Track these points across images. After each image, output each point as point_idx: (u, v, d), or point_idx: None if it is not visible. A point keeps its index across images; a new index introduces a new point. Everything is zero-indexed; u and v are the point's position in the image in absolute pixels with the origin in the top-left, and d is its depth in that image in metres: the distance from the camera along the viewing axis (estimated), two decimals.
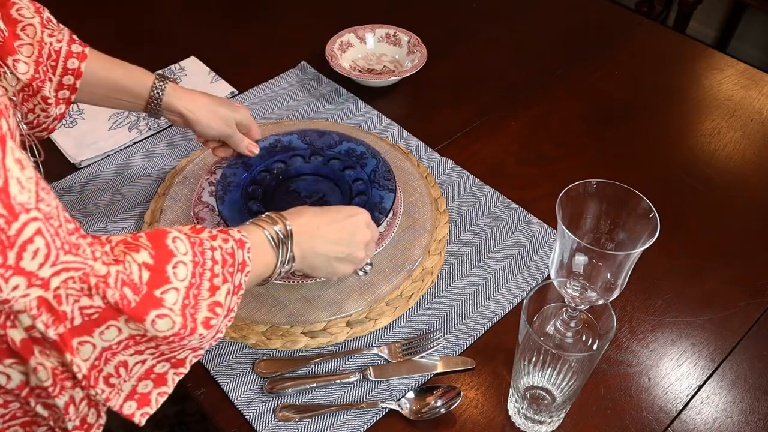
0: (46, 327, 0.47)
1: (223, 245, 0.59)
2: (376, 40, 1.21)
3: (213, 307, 0.56)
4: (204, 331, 0.55)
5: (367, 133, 1.06)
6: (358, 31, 1.21)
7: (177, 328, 0.52)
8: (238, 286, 0.60)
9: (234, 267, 0.59)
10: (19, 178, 0.44)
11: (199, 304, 0.55)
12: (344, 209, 0.75)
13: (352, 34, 1.21)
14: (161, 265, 0.53)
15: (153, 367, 0.55)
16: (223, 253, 0.59)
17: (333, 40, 1.19)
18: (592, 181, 0.74)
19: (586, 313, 0.75)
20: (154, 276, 0.52)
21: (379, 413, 0.74)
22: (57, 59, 0.76)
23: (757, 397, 0.78)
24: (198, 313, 0.55)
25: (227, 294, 0.58)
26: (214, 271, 0.57)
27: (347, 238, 0.72)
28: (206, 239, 0.58)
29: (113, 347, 0.51)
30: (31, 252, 0.45)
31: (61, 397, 0.50)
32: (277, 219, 0.68)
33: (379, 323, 0.81)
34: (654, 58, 1.27)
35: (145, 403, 0.55)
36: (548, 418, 0.72)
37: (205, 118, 0.85)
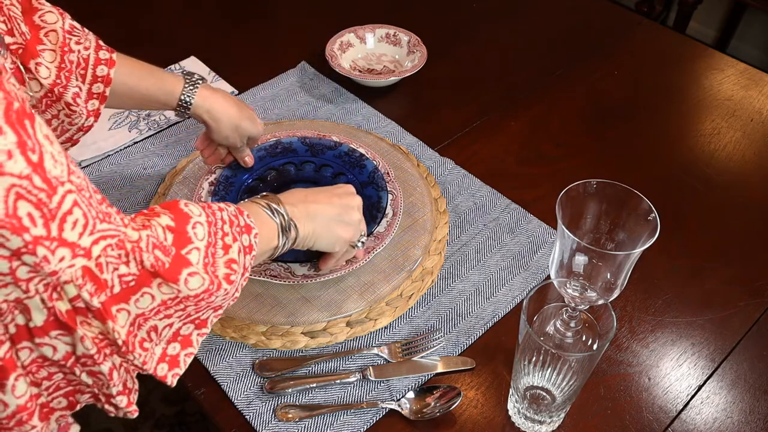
0: (90, 296, 0.49)
1: (226, 208, 0.62)
2: (376, 40, 1.21)
3: (230, 264, 0.58)
4: (227, 286, 0.57)
5: (367, 133, 1.06)
6: (358, 31, 1.21)
7: (206, 284, 0.54)
8: (249, 246, 0.62)
9: (240, 227, 0.61)
10: (52, 153, 0.45)
11: (216, 262, 0.57)
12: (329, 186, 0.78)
13: (352, 34, 1.21)
14: (182, 227, 0.55)
15: (179, 330, 0.57)
16: (228, 214, 0.61)
17: (333, 40, 1.19)
18: (592, 181, 0.74)
19: (586, 313, 0.75)
20: (178, 237, 0.54)
21: (379, 413, 0.74)
22: (86, 67, 0.76)
23: (757, 397, 0.78)
24: (218, 270, 0.57)
25: (239, 252, 0.60)
26: (224, 230, 0.59)
27: (338, 199, 0.75)
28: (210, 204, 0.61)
29: (145, 314, 0.52)
30: (71, 223, 0.46)
31: (105, 363, 0.52)
32: (266, 197, 0.70)
33: (379, 323, 0.81)
34: (654, 58, 1.27)
35: (175, 365, 0.57)
36: (548, 418, 0.72)
37: (225, 129, 0.87)
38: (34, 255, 0.44)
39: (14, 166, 0.41)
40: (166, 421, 1.51)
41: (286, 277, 0.82)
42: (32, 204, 0.43)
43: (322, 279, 0.82)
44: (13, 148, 0.41)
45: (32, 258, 0.44)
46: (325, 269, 0.81)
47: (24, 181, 0.42)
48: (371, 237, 0.86)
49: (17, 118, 0.42)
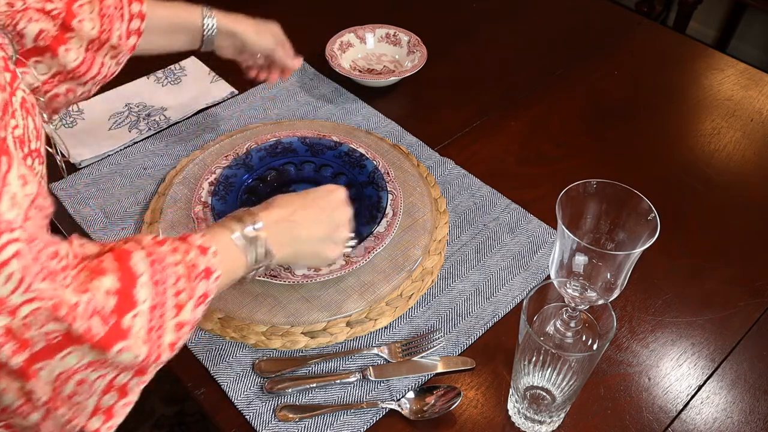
0: (10, 355, 0.45)
1: (185, 257, 0.57)
2: (376, 40, 1.21)
3: (180, 327, 0.55)
4: (169, 355, 0.54)
5: (367, 133, 1.06)
6: (358, 31, 1.21)
7: (141, 358, 0.51)
8: (204, 295, 0.58)
9: (198, 278, 0.57)
10: (16, 194, 0.43)
11: (165, 326, 0.53)
12: (319, 188, 0.72)
13: (352, 34, 1.21)
14: (128, 289, 0.51)
15: (114, 379, 0.52)
16: (184, 265, 0.56)
17: (333, 40, 1.19)
18: (592, 181, 0.74)
19: (586, 313, 0.75)
20: (122, 302, 0.50)
21: (379, 413, 0.74)
22: (122, 6, 0.79)
23: (757, 397, 0.78)
24: (164, 335, 0.53)
25: (193, 309, 0.56)
26: (178, 286, 0.55)
27: (327, 217, 0.71)
28: (167, 253, 0.56)
29: (72, 369, 0.49)
30: (5, 275, 0.43)
31: (31, 416, 0.49)
32: (245, 217, 0.65)
33: (379, 323, 0.81)
34: (654, 58, 1.27)
35: (110, 416, 0.54)
36: (548, 418, 0.72)
37: (255, 32, 0.92)
38: None
39: None
40: (166, 421, 1.51)
41: (286, 277, 0.82)
42: None
43: (322, 279, 0.82)
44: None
45: None
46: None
47: None
48: (371, 237, 0.86)
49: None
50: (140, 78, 1.15)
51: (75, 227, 0.92)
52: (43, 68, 0.73)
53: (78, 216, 0.94)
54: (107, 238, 0.91)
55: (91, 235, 0.91)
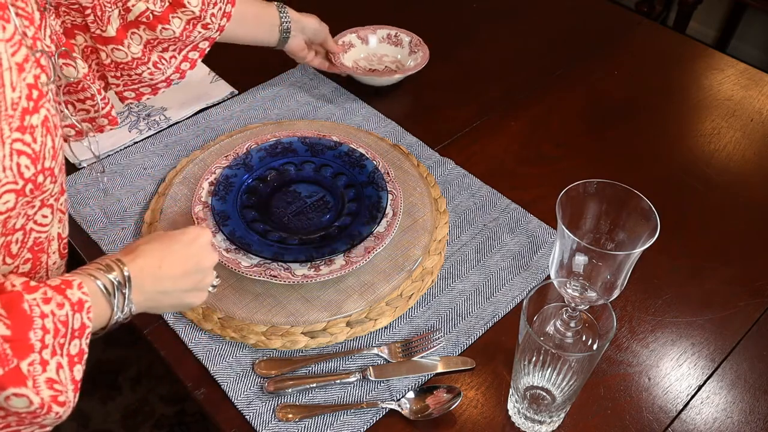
0: None
1: (56, 311, 0.54)
2: (377, 40, 1.21)
3: (51, 384, 0.52)
4: (58, 409, 0.52)
5: (367, 133, 1.06)
6: (360, 31, 1.20)
7: (35, 407, 0.50)
8: (79, 353, 0.56)
9: (66, 337, 0.54)
10: None
11: (37, 381, 0.51)
12: (184, 234, 0.68)
13: (354, 34, 1.20)
14: (23, 333, 0.50)
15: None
16: (55, 321, 0.53)
17: (334, 40, 1.19)
18: (592, 181, 0.74)
19: (586, 313, 0.75)
20: (17, 347, 0.49)
21: (379, 413, 0.74)
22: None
23: (757, 397, 0.78)
24: (41, 391, 0.51)
25: (57, 368, 0.53)
26: (44, 341, 0.52)
27: (193, 267, 0.67)
28: (36, 305, 0.53)
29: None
30: None
31: None
32: (114, 265, 0.61)
33: (379, 323, 0.81)
34: (654, 58, 1.27)
35: None
36: (548, 418, 0.72)
37: (315, 21, 1.06)
38: None
39: None
40: (166, 421, 1.51)
41: (286, 277, 0.82)
42: None
43: (322, 279, 0.82)
44: None
45: None
46: None
47: None
48: (371, 237, 0.86)
49: None
50: None
51: (75, 227, 0.92)
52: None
53: (78, 216, 0.94)
54: (107, 238, 0.91)
55: (91, 235, 0.91)
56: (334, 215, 0.91)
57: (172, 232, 0.68)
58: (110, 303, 0.60)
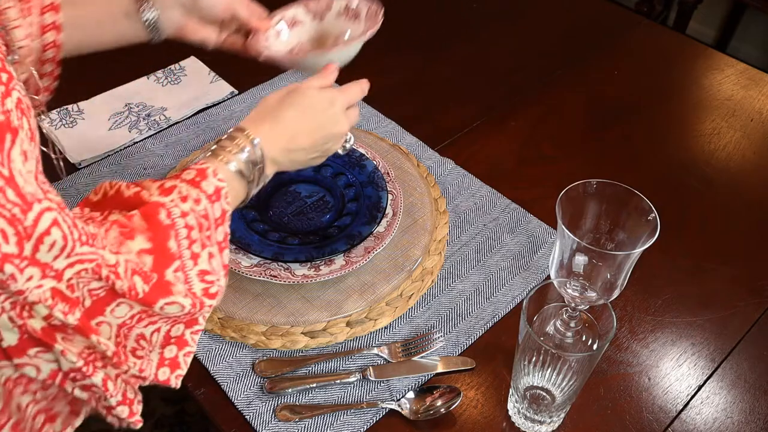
0: (64, 315, 0.47)
1: (195, 207, 0.55)
2: (335, 15, 0.87)
3: (202, 276, 0.55)
4: (210, 301, 0.55)
5: (367, 133, 1.06)
6: (311, 3, 0.87)
7: (188, 308, 0.52)
8: (224, 238, 0.58)
9: (211, 228, 0.56)
10: (21, 170, 0.43)
11: (189, 278, 0.54)
12: (320, 101, 0.69)
13: (301, 8, 0.87)
14: (162, 245, 0.52)
15: (169, 332, 0.54)
16: (196, 216, 0.55)
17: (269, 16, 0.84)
18: (592, 181, 0.74)
19: (586, 313, 0.75)
20: (159, 258, 0.51)
21: (379, 413, 0.74)
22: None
23: (757, 397, 0.78)
24: (194, 287, 0.54)
25: (210, 257, 0.56)
26: (191, 237, 0.54)
27: (324, 138, 0.69)
28: (175, 205, 0.54)
29: (127, 322, 0.51)
30: (48, 244, 0.44)
31: (96, 375, 0.50)
32: (243, 140, 0.62)
33: (379, 323, 0.81)
34: (654, 58, 1.27)
35: (176, 366, 0.56)
36: (548, 418, 0.72)
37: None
38: (0, 271, 0.42)
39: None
40: (166, 421, 1.51)
41: (286, 277, 0.82)
42: (5, 219, 0.41)
43: (322, 279, 0.82)
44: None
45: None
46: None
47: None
48: (371, 237, 0.86)
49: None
50: (140, 78, 1.15)
51: None
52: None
53: None
54: None
55: None
56: (334, 215, 0.91)
57: (306, 94, 0.68)
58: (246, 182, 0.62)
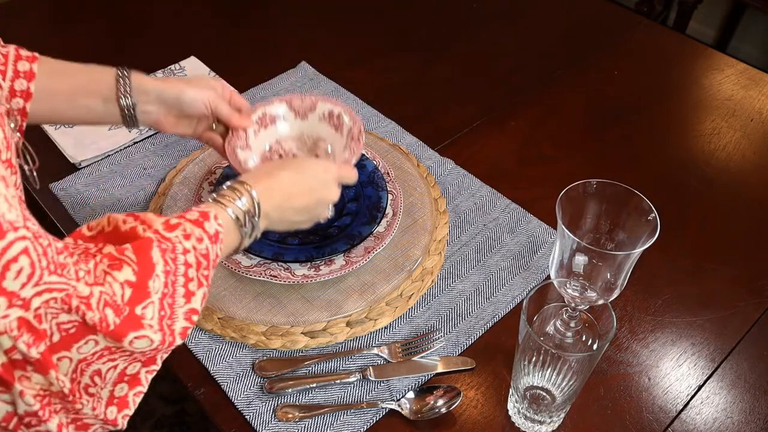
0: (28, 347, 0.46)
1: (197, 246, 0.57)
2: (318, 117, 0.86)
3: (189, 315, 0.55)
4: (181, 341, 0.55)
5: (368, 133, 1.06)
6: (294, 101, 0.86)
7: (156, 344, 0.52)
8: (209, 284, 0.59)
9: (209, 267, 0.58)
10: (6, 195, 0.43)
11: (175, 314, 0.54)
12: (315, 168, 0.72)
13: (284, 104, 0.86)
14: (143, 281, 0.52)
15: (125, 370, 0.54)
16: (197, 255, 0.57)
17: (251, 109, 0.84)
18: (592, 181, 0.74)
19: (586, 313, 0.75)
20: (136, 293, 0.51)
21: (379, 413, 0.74)
22: (6, 62, 0.69)
23: (757, 397, 0.78)
24: (175, 323, 0.54)
25: (203, 298, 0.57)
26: (188, 275, 0.55)
27: (315, 203, 0.72)
28: (179, 242, 0.56)
29: (88, 358, 0.50)
30: (15, 271, 0.43)
31: (51, 420, 0.50)
32: (243, 191, 0.65)
33: (379, 323, 0.81)
34: (654, 58, 1.27)
35: (124, 406, 0.55)
36: (548, 418, 0.72)
37: (188, 87, 0.75)
38: None
39: None
40: (166, 421, 1.51)
41: (286, 277, 0.82)
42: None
43: (322, 279, 0.82)
44: None
45: None
46: None
47: None
48: (371, 237, 0.86)
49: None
50: None
51: (75, 227, 0.92)
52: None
53: (78, 216, 0.93)
54: None
55: None
56: (334, 215, 0.91)
57: (303, 162, 0.73)
58: (240, 231, 0.64)
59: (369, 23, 1.25)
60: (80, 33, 1.28)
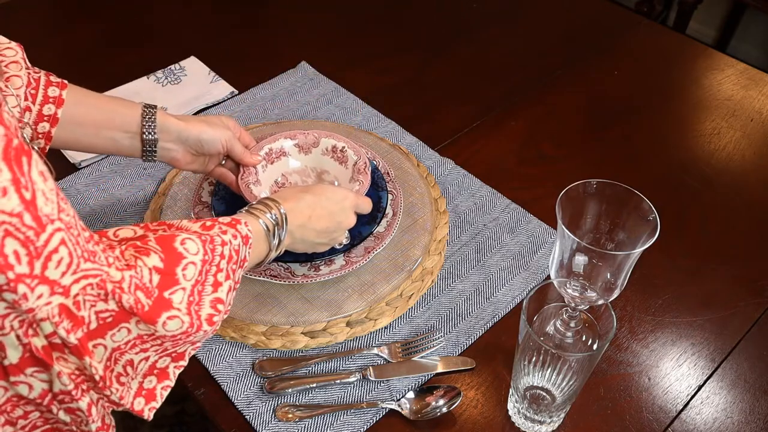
0: (67, 333, 0.48)
1: (232, 241, 0.61)
2: (321, 151, 0.92)
3: (215, 304, 0.58)
4: (208, 327, 0.57)
5: (368, 133, 1.06)
6: (299, 136, 0.92)
7: (185, 326, 0.54)
8: (237, 282, 0.62)
9: (237, 263, 0.61)
10: (44, 190, 0.45)
11: (202, 300, 0.57)
12: (335, 194, 0.76)
13: (290, 141, 0.91)
14: (171, 268, 0.55)
15: (155, 363, 0.56)
16: (231, 249, 0.60)
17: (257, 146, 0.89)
18: (592, 181, 0.74)
19: (586, 313, 0.75)
20: (164, 278, 0.54)
21: (379, 413, 0.74)
22: (37, 87, 0.72)
23: (757, 397, 0.78)
24: (202, 309, 0.56)
25: (228, 291, 0.60)
26: (219, 266, 0.59)
27: (334, 227, 0.76)
28: (216, 235, 0.60)
29: (121, 347, 0.52)
30: (56, 261, 0.46)
31: (83, 399, 0.52)
32: (273, 206, 0.69)
33: (379, 323, 0.81)
34: (654, 58, 1.27)
35: (151, 398, 0.57)
36: (548, 418, 0.72)
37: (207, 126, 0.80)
38: (14, 293, 0.44)
39: (7, 203, 0.41)
40: (166, 421, 1.51)
41: (286, 277, 0.82)
42: (20, 242, 0.43)
43: (322, 279, 0.82)
44: (8, 185, 0.41)
45: (12, 296, 0.44)
46: None
47: (14, 219, 0.42)
48: (371, 237, 0.86)
49: (15, 155, 0.42)
50: (140, 78, 1.15)
51: None
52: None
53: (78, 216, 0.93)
54: None
55: None
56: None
57: (324, 187, 0.77)
58: (269, 241, 0.68)
59: (369, 23, 1.25)
60: (80, 33, 1.28)
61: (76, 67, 1.19)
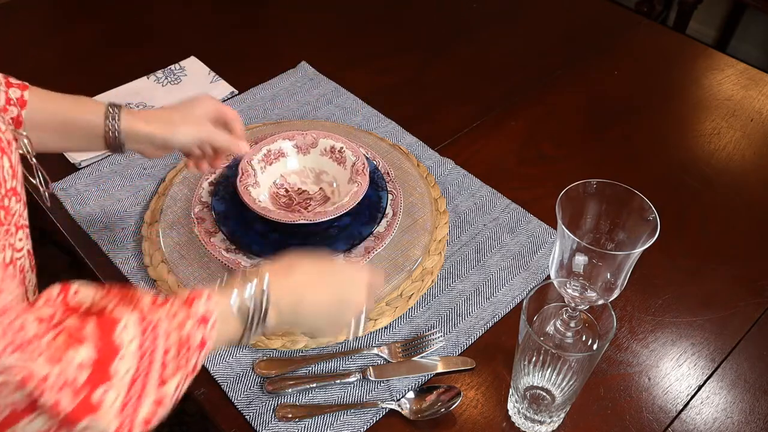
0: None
1: (180, 328, 0.53)
2: (319, 152, 0.93)
3: (159, 402, 0.52)
4: (142, 429, 0.51)
5: (368, 133, 1.06)
6: (297, 137, 0.93)
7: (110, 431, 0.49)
8: (196, 367, 0.55)
9: (190, 352, 0.54)
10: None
11: (142, 401, 0.50)
12: (343, 269, 0.69)
13: (288, 141, 0.92)
14: (104, 362, 0.48)
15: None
16: (179, 337, 0.53)
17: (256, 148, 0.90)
18: (592, 181, 0.74)
19: (586, 313, 0.75)
20: (95, 375, 0.48)
21: (379, 413, 0.74)
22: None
23: (757, 397, 0.78)
24: (139, 410, 0.50)
25: (176, 388, 0.53)
26: (165, 360, 0.52)
27: (337, 306, 0.65)
28: (163, 320, 0.52)
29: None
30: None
31: None
32: (253, 275, 0.60)
33: (379, 323, 0.81)
34: (654, 58, 1.27)
35: None
36: (548, 418, 0.72)
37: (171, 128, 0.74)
38: None
39: None
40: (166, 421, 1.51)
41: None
42: None
43: None
44: None
45: None
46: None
47: None
48: (371, 237, 0.86)
49: None
50: (140, 78, 1.15)
51: (75, 227, 0.92)
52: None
53: (78, 216, 0.93)
54: (107, 239, 0.91)
55: (91, 236, 0.91)
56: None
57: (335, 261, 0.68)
58: (242, 319, 0.59)
59: (369, 23, 1.25)
60: (80, 33, 1.28)
61: (76, 67, 1.19)
